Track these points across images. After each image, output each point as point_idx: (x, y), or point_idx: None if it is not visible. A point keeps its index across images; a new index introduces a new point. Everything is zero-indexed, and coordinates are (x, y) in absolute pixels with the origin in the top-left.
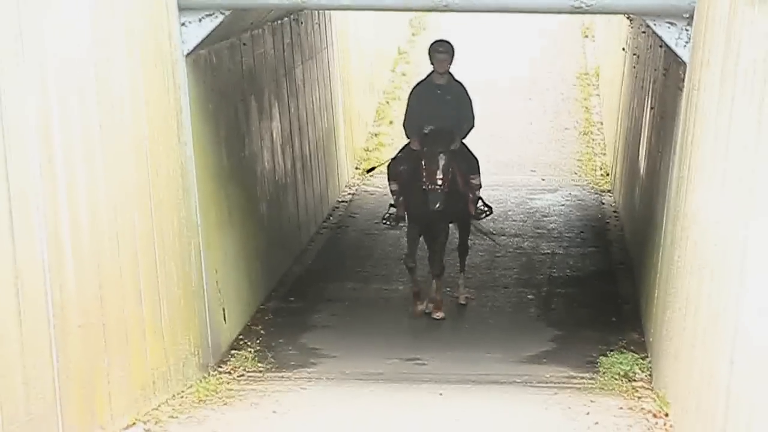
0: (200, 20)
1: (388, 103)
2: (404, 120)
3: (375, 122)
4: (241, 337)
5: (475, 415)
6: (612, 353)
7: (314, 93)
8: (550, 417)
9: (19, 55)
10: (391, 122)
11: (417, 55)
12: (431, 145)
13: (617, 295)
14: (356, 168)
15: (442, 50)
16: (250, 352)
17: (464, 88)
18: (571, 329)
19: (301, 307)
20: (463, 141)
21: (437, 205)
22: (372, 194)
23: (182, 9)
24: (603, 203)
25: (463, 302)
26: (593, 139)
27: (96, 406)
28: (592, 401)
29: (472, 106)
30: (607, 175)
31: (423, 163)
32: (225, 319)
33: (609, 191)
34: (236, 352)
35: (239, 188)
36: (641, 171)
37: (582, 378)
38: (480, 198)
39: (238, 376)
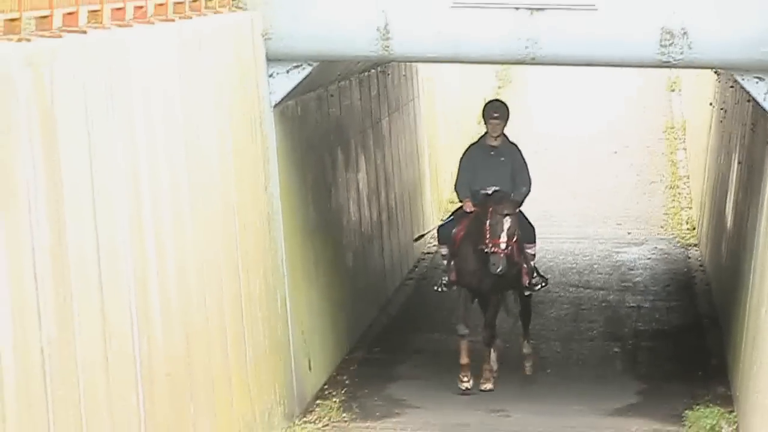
0: (288, 72)
1: None
2: (456, 182)
3: None
4: (326, 386)
5: None
6: (698, 407)
7: (400, 144)
8: None
9: (107, 102)
10: None
11: None
12: (496, 206)
13: (703, 349)
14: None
15: (497, 115)
16: (335, 401)
17: (519, 151)
18: (657, 382)
19: (387, 358)
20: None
21: (499, 269)
22: None
23: (271, 60)
24: (689, 257)
25: (529, 373)
26: (679, 193)
27: None
28: None
29: (527, 169)
30: (694, 228)
31: (487, 224)
32: (310, 369)
33: (695, 245)
34: (321, 401)
35: (325, 239)
36: (728, 225)
37: (668, 431)
38: (535, 268)
39: (323, 426)
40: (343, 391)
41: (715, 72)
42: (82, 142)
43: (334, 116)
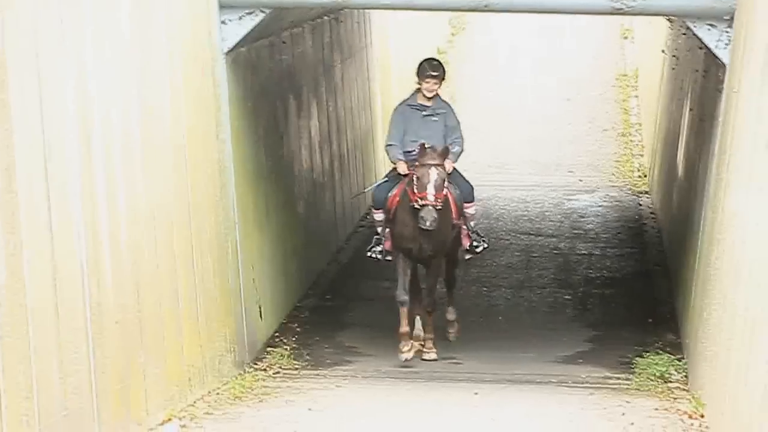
0: (240, 18)
1: None
2: (386, 142)
3: None
4: (277, 334)
5: (511, 414)
6: (648, 354)
7: (353, 92)
8: (586, 417)
9: (59, 50)
10: None
11: (456, 55)
12: (421, 158)
13: (654, 297)
14: None
15: (435, 74)
16: (286, 349)
17: (451, 109)
18: (607, 330)
19: (338, 306)
20: (455, 166)
21: (428, 224)
22: None
23: (223, 7)
24: (640, 204)
25: (452, 339)
26: (631, 141)
27: (132, 401)
28: (627, 402)
29: (460, 127)
30: (645, 176)
31: (414, 178)
32: (261, 317)
33: (646, 192)
34: (272, 349)
35: (277, 186)
36: (679, 172)
37: (618, 378)
38: (476, 231)
39: (273, 374)
40: (294, 339)
41: (668, 19)
42: (33, 87)
43: (287, 64)
